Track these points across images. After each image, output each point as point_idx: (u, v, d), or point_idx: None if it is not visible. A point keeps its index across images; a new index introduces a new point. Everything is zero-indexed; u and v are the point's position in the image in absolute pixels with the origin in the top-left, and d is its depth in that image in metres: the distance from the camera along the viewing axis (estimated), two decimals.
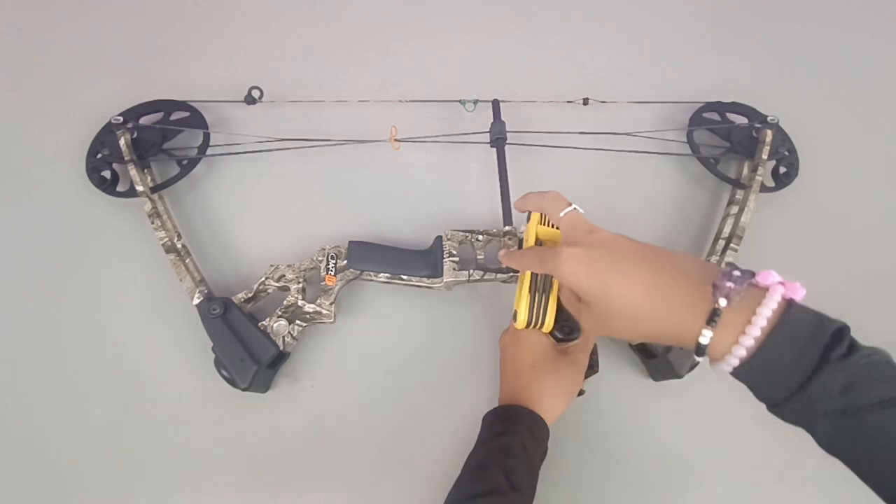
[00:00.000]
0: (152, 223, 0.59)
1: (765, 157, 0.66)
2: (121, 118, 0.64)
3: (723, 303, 0.33)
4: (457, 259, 0.56)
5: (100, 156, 0.64)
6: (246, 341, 0.52)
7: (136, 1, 0.81)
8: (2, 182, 0.66)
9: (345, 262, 0.56)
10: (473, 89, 0.71)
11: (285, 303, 0.55)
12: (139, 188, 0.60)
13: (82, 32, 0.78)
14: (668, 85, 0.76)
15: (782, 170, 0.67)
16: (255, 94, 0.70)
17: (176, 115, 0.69)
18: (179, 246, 0.58)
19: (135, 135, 0.65)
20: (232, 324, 0.53)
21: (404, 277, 0.56)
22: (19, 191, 0.65)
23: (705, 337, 0.33)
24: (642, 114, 0.73)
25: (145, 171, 0.64)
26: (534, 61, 0.79)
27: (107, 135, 0.64)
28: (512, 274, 0.55)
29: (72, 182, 0.65)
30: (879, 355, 0.32)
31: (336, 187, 0.67)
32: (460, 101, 0.71)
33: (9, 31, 0.77)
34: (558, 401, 0.47)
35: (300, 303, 0.55)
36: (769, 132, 0.67)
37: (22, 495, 0.51)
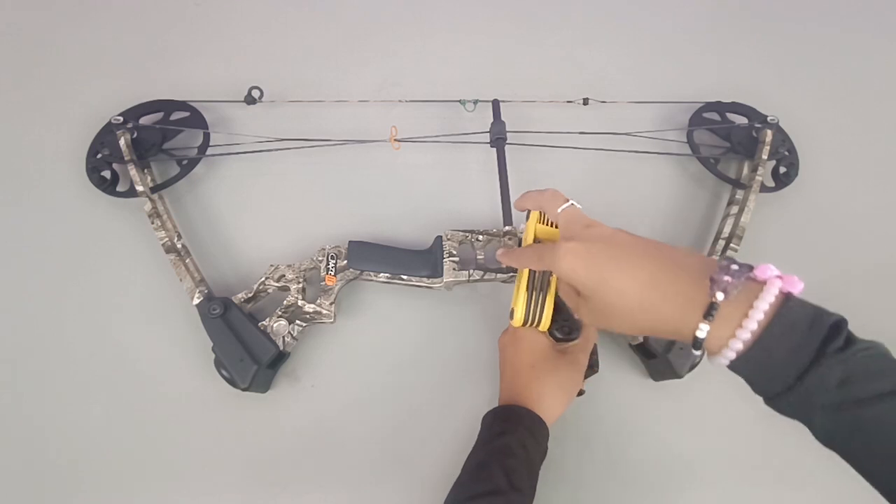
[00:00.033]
0: (152, 223, 0.59)
1: (765, 157, 0.66)
2: (121, 118, 0.64)
3: (720, 297, 0.33)
4: (457, 259, 0.56)
5: (100, 156, 0.64)
6: (246, 341, 0.52)
7: (136, 1, 0.81)
8: (2, 182, 0.66)
9: (345, 262, 0.56)
10: (473, 89, 0.71)
11: (285, 303, 0.55)
12: (139, 188, 0.60)
13: (82, 32, 0.78)
14: (668, 85, 0.76)
15: (782, 170, 0.67)
16: (255, 94, 0.70)
17: (176, 115, 0.69)
18: (179, 246, 0.58)
19: (135, 135, 0.65)
20: (232, 324, 0.53)
21: (404, 277, 0.56)
22: (19, 191, 0.65)
23: (702, 331, 0.33)
24: (642, 114, 0.73)
25: (145, 171, 0.64)
26: (534, 61, 0.79)
27: (107, 135, 0.64)
28: (512, 274, 0.55)
29: (72, 182, 0.65)
30: (877, 349, 0.32)
31: (336, 187, 0.67)
32: (460, 101, 0.71)
33: (9, 31, 0.77)
34: (558, 401, 0.47)
35: (300, 303, 0.55)
36: (769, 132, 0.67)
37: (22, 495, 0.51)
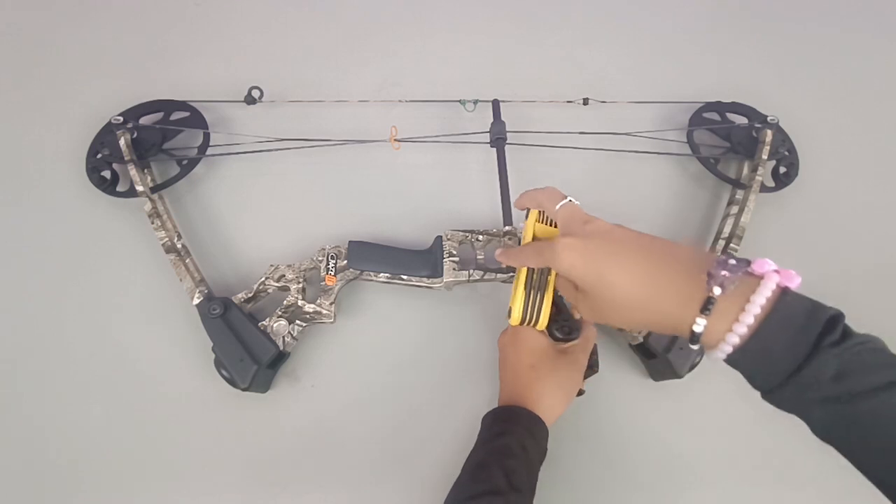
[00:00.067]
0: (152, 223, 0.59)
1: (765, 157, 0.66)
2: (121, 118, 0.64)
3: (717, 291, 0.33)
4: (457, 259, 0.56)
5: (100, 156, 0.64)
6: (246, 341, 0.52)
7: (136, 1, 0.81)
8: (2, 182, 0.66)
9: (345, 262, 0.56)
10: (473, 89, 0.71)
11: (285, 303, 0.55)
12: (139, 188, 0.60)
13: (82, 32, 0.78)
14: (668, 85, 0.76)
15: (782, 170, 0.67)
16: (255, 94, 0.70)
17: (176, 115, 0.69)
18: (179, 246, 0.58)
19: (135, 135, 0.65)
20: (232, 324, 0.53)
21: (404, 277, 0.56)
22: (19, 191, 0.65)
23: (699, 325, 0.33)
24: (642, 114, 0.73)
25: (145, 171, 0.64)
26: (534, 61, 0.79)
27: (107, 135, 0.64)
28: (511, 274, 0.55)
29: (72, 182, 0.65)
30: (873, 342, 0.32)
31: (336, 187, 0.67)
32: (460, 101, 0.71)
33: (9, 31, 0.77)
34: (558, 401, 0.47)
35: (300, 303, 0.55)
36: (769, 132, 0.67)
37: (22, 495, 0.51)
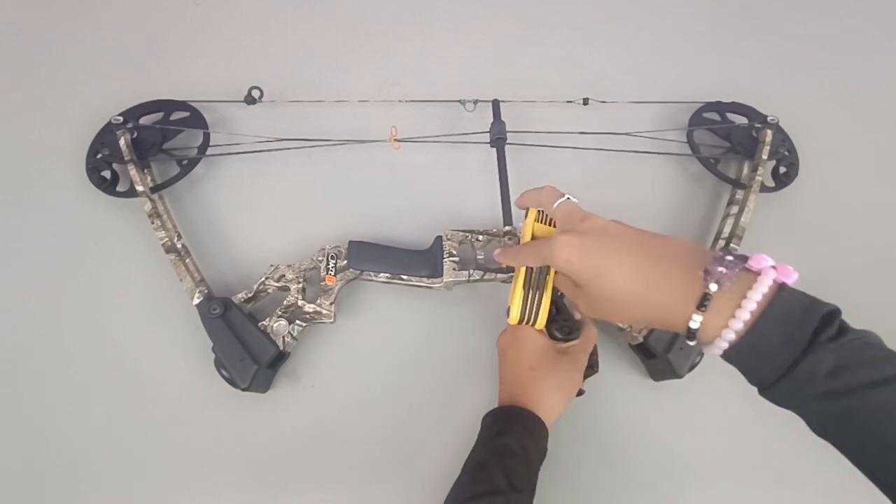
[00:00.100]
0: (152, 223, 0.59)
1: (765, 157, 0.66)
2: (121, 118, 0.64)
3: (713, 288, 0.33)
4: (457, 259, 0.56)
5: (100, 156, 0.64)
6: (246, 341, 0.52)
7: (136, 1, 0.81)
8: (2, 182, 0.66)
9: (345, 262, 0.56)
10: (473, 89, 0.71)
11: (285, 303, 0.55)
12: (139, 188, 0.60)
13: (82, 32, 0.78)
14: (668, 85, 0.76)
15: (782, 170, 0.67)
16: (255, 94, 0.70)
17: (176, 115, 0.69)
18: (179, 246, 0.58)
19: (135, 135, 0.65)
20: (232, 324, 0.53)
21: (404, 277, 0.56)
22: (19, 191, 0.65)
23: (695, 322, 0.34)
24: (642, 114, 0.73)
25: (145, 171, 0.64)
26: (534, 61, 0.79)
27: (107, 135, 0.64)
28: (511, 274, 0.55)
29: (72, 182, 0.65)
30: (870, 338, 0.32)
31: (336, 187, 0.67)
32: (460, 101, 0.71)
33: (9, 31, 0.77)
34: (557, 401, 0.47)
35: (300, 303, 0.55)
36: (769, 132, 0.67)
37: (22, 495, 0.51)
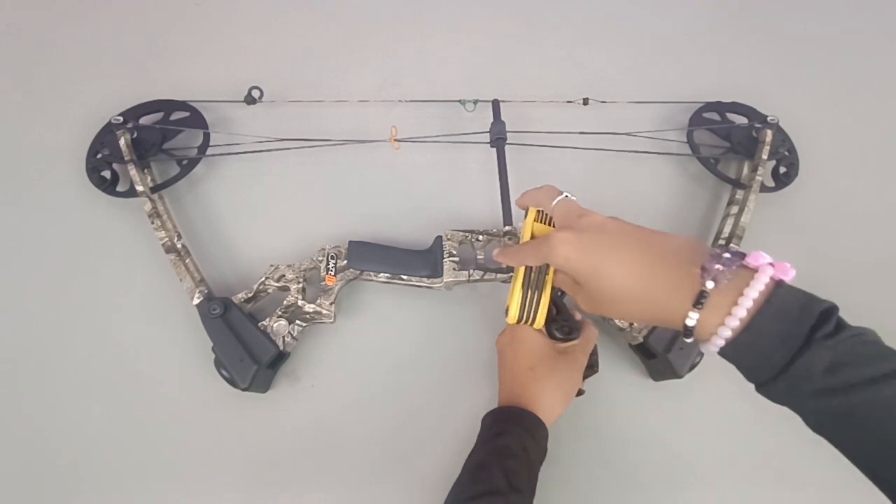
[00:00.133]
0: (152, 223, 0.59)
1: (765, 157, 0.66)
2: (121, 118, 0.64)
3: (710, 285, 0.33)
4: (457, 259, 0.56)
5: (100, 156, 0.64)
6: (246, 341, 0.52)
7: (136, 1, 0.81)
8: (2, 182, 0.66)
9: (345, 262, 0.56)
10: (473, 89, 0.71)
11: (285, 303, 0.55)
12: (139, 188, 0.60)
13: (82, 32, 0.78)
14: (668, 85, 0.76)
15: (782, 170, 0.67)
16: (255, 94, 0.70)
17: (176, 115, 0.69)
18: (179, 246, 0.58)
19: (135, 135, 0.65)
20: (232, 324, 0.53)
21: (404, 277, 0.56)
22: (19, 191, 0.65)
23: (691, 319, 0.34)
24: (642, 114, 0.73)
25: (145, 171, 0.64)
26: (534, 61, 0.79)
27: (107, 135, 0.64)
28: (511, 274, 0.55)
29: (72, 182, 0.65)
30: (867, 335, 0.32)
31: (336, 187, 0.67)
32: (460, 101, 0.71)
33: (9, 31, 0.77)
34: (557, 401, 0.47)
35: (300, 303, 0.55)
36: (769, 132, 0.67)
37: (22, 495, 0.51)
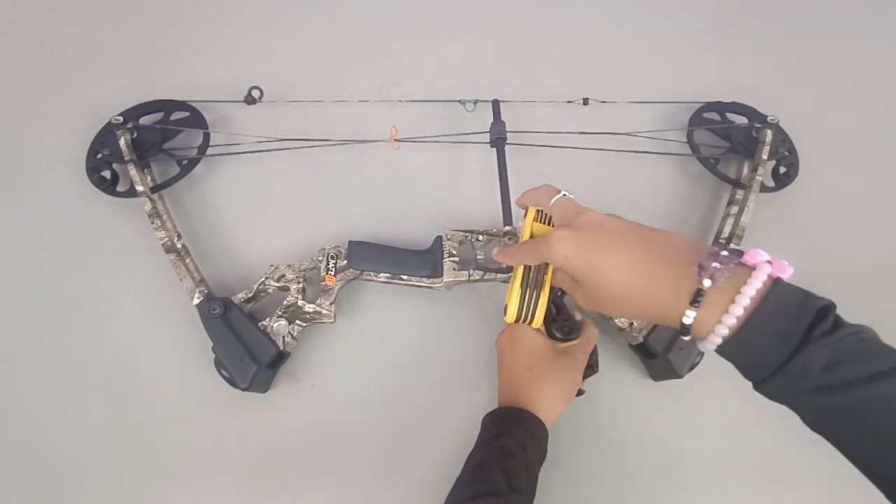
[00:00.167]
0: (152, 223, 0.59)
1: (765, 157, 0.66)
2: (121, 118, 0.64)
3: (707, 283, 0.33)
4: (457, 259, 0.56)
5: (100, 156, 0.64)
6: (246, 341, 0.52)
7: (136, 1, 0.81)
8: (2, 182, 0.66)
9: (345, 262, 0.56)
10: (473, 89, 0.71)
11: (285, 303, 0.55)
12: (139, 188, 0.60)
13: (82, 32, 0.78)
14: (668, 85, 0.76)
15: (782, 170, 0.67)
16: (255, 94, 0.70)
17: (176, 115, 0.69)
18: (179, 246, 0.58)
19: (135, 135, 0.65)
20: (232, 324, 0.53)
21: (404, 277, 0.56)
22: (19, 191, 0.65)
23: (688, 317, 0.34)
24: (642, 114, 0.73)
25: (145, 171, 0.64)
26: (534, 61, 0.79)
27: (107, 135, 0.64)
28: (511, 274, 0.55)
29: (72, 182, 0.65)
30: (864, 332, 0.32)
31: (336, 187, 0.67)
32: (460, 101, 0.71)
33: (9, 31, 0.77)
34: (557, 401, 0.47)
35: (300, 303, 0.55)
36: (769, 132, 0.67)
37: (22, 495, 0.51)
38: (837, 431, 0.32)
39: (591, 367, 0.51)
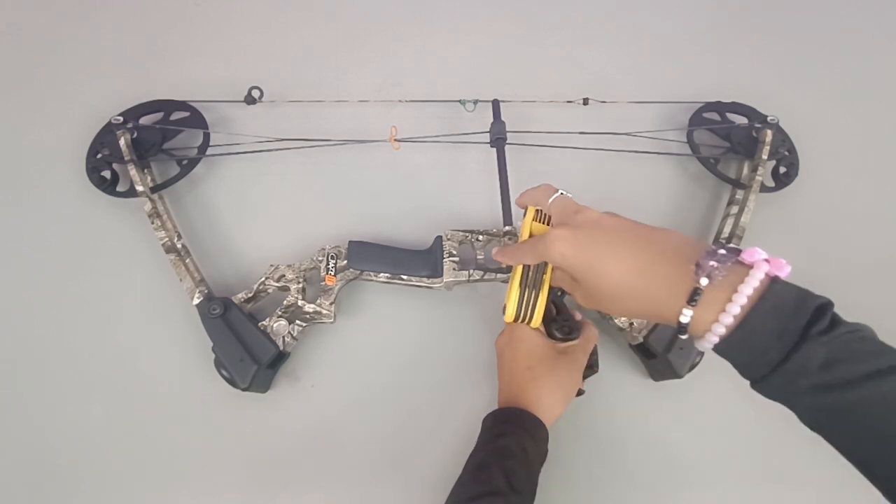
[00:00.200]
0: (152, 223, 0.59)
1: (765, 157, 0.66)
2: (121, 118, 0.64)
3: (704, 282, 0.33)
4: (457, 259, 0.56)
5: (100, 156, 0.64)
6: (246, 341, 0.52)
7: (136, 1, 0.81)
8: (2, 182, 0.66)
9: (345, 262, 0.56)
10: (473, 89, 0.71)
11: (285, 303, 0.55)
12: (139, 188, 0.60)
13: (82, 32, 0.78)
14: (668, 85, 0.76)
15: (782, 170, 0.67)
16: (255, 94, 0.70)
17: (176, 115, 0.69)
18: (179, 246, 0.58)
19: (135, 135, 0.65)
20: (232, 324, 0.53)
21: (404, 277, 0.56)
22: (19, 191, 0.65)
23: (685, 316, 0.34)
24: (642, 114, 0.73)
25: (145, 171, 0.64)
26: (534, 61, 0.79)
27: (107, 135, 0.64)
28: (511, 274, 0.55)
29: (72, 182, 0.65)
30: (862, 331, 0.32)
31: (336, 187, 0.67)
32: (460, 101, 0.71)
33: (9, 31, 0.77)
34: (556, 401, 0.47)
35: (300, 303, 0.55)
36: (769, 132, 0.67)
37: (22, 495, 0.51)
38: (835, 430, 0.32)
39: (591, 367, 0.51)
